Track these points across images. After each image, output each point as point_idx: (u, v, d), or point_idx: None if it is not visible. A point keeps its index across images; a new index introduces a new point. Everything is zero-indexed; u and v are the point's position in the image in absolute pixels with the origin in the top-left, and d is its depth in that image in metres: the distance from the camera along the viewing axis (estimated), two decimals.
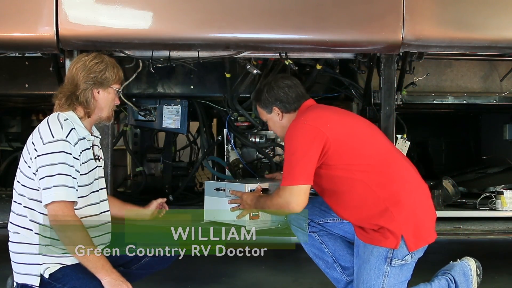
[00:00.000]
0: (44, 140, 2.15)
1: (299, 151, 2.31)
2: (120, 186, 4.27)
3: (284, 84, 2.55)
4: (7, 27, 2.66)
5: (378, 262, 2.29)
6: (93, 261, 2.14)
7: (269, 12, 2.66)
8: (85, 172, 2.26)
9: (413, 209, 2.31)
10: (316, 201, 2.60)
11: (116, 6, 2.63)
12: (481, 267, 2.48)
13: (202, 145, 3.95)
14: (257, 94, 2.63)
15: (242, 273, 3.54)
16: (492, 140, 4.67)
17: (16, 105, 4.45)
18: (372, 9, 2.65)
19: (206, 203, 2.96)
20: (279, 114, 2.55)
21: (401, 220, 2.27)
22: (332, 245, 2.60)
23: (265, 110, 2.59)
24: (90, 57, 2.31)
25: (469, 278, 2.43)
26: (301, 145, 2.32)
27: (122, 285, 2.13)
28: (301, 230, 2.61)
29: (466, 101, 3.56)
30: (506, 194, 3.14)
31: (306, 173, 2.30)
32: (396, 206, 2.28)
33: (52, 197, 2.10)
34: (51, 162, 2.12)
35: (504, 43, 2.73)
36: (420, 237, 2.31)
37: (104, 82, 2.30)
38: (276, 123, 2.59)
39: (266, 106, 2.57)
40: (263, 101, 2.57)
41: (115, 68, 2.34)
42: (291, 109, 2.54)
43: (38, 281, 2.17)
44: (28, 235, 2.20)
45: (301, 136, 2.33)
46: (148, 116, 3.58)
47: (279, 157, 3.57)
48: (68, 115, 2.25)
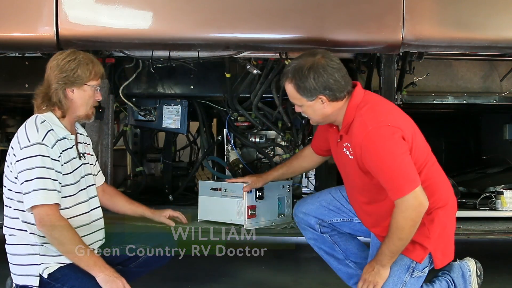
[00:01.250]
0: (21, 145, 2.15)
1: (398, 157, 2.11)
2: (120, 186, 4.26)
3: (333, 68, 2.20)
4: (7, 27, 2.67)
5: (400, 271, 2.24)
6: (85, 259, 2.14)
7: (269, 12, 2.66)
8: (69, 171, 2.25)
9: (445, 226, 2.28)
10: (324, 199, 2.58)
11: (116, 6, 2.63)
12: (482, 268, 2.47)
13: (202, 145, 3.95)
14: (298, 79, 2.21)
15: (242, 273, 3.54)
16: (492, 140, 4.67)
17: (16, 105, 4.45)
18: (372, 9, 2.65)
19: (200, 202, 2.98)
20: (324, 102, 2.23)
21: (435, 237, 2.24)
22: (344, 244, 2.57)
23: (305, 97, 2.23)
24: (63, 55, 2.28)
25: (467, 279, 2.42)
26: (393, 150, 2.11)
27: (116, 281, 2.13)
28: (311, 229, 2.58)
29: (466, 101, 3.55)
30: (506, 194, 3.14)
31: (415, 174, 2.12)
32: (432, 223, 2.24)
33: (32, 202, 2.11)
34: (28, 166, 2.12)
35: (504, 43, 2.73)
36: (447, 255, 2.31)
37: (77, 81, 2.26)
38: (317, 111, 2.27)
39: (310, 94, 2.21)
40: (307, 89, 2.20)
41: (90, 64, 2.28)
42: (340, 97, 2.23)
43: (37, 282, 2.17)
44: (24, 236, 2.20)
45: (392, 141, 2.12)
46: (148, 116, 3.58)
47: (279, 157, 3.57)
48: (46, 117, 2.24)
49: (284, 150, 3.52)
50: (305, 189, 4.43)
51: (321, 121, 2.35)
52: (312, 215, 2.57)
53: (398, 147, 2.12)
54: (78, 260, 2.14)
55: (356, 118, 2.22)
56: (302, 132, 3.58)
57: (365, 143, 2.14)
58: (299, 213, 2.61)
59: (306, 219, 2.58)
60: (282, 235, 2.91)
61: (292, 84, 2.24)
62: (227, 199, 2.86)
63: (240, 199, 2.81)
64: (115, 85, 3.38)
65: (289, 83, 2.25)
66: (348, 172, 2.36)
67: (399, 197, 2.09)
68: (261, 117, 3.41)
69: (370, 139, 2.13)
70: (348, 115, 2.25)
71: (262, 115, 3.42)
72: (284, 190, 3.02)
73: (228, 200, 2.86)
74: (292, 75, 2.23)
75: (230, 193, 2.85)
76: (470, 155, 5.13)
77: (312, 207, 2.58)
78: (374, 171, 2.16)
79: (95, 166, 2.54)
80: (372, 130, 2.13)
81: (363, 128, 2.16)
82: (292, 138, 3.50)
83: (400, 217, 2.11)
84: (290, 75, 2.24)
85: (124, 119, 3.83)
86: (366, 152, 2.15)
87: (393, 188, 2.12)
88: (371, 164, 2.15)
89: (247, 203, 2.80)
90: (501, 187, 3.23)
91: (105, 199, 2.63)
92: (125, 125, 3.86)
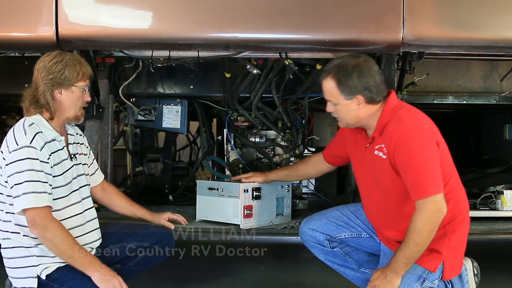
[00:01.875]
0: (10, 149, 2.15)
1: (430, 159, 2.15)
2: (120, 186, 4.26)
3: (376, 71, 2.26)
4: (7, 27, 2.66)
5: (411, 279, 2.21)
6: (79, 260, 2.13)
7: (269, 12, 2.66)
8: (59, 173, 2.24)
9: (462, 240, 2.30)
10: (331, 216, 2.56)
11: (116, 6, 2.63)
12: (479, 267, 2.46)
13: (202, 145, 3.95)
14: (341, 76, 2.24)
15: (242, 273, 3.54)
16: (492, 140, 4.66)
17: (15, 105, 4.44)
18: (372, 9, 2.65)
19: (198, 202, 2.98)
20: (360, 103, 2.25)
21: (452, 248, 2.25)
22: (355, 254, 2.56)
23: (344, 95, 2.25)
24: (50, 57, 2.26)
25: (464, 278, 2.40)
26: (427, 152, 2.16)
27: (112, 280, 2.13)
28: (320, 246, 2.55)
29: (466, 101, 3.55)
30: (506, 194, 3.14)
31: (441, 182, 2.15)
32: (453, 234, 2.25)
33: (22, 205, 2.10)
34: (17, 170, 2.11)
35: (504, 43, 2.72)
36: (455, 269, 2.30)
37: (65, 82, 2.24)
38: (351, 112, 2.28)
39: (350, 92, 2.24)
40: (348, 86, 2.23)
41: (77, 65, 2.26)
42: (376, 101, 2.27)
43: (36, 283, 2.17)
44: (18, 239, 2.19)
45: (427, 142, 2.17)
46: (148, 116, 3.58)
47: (279, 157, 3.57)
48: (34, 119, 2.23)
49: (284, 150, 3.52)
50: (305, 189, 4.44)
51: (352, 123, 2.35)
52: (320, 231, 2.53)
53: (432, 151, 2.17)
54: (72, 261, 2.14)
55: (393, 118, 2.25)
56: (302, 132, 3.59)
57: (401, 139, 2.17)
58: (307, 230, 2.56)
59: (315, 235, 2.54)
60: (282, 235, 2.90)
61: (334, 80, 2.25)
62: (224, 199, 2.86)
63: (236, 199, 2.81)
64: (115, 85, 3.38)
65: (331, 79, 2.27)
66: (377, 175, 2.34)
67: (422, 197, 2.11)
68: (261, 117, 3.41)
69: (407, 136, 2.17)
70: (384, 117, 2.28)
71: (262, 115, 3.42)
72: (283, 190, 3.02)
73: (225, 200, 2.86)
74: (335, 71, 2.26)
75: (227, 193, 2.86)
76: (470, 155, 5.12)
77: (320, 223, 2.55)
78: (404, 168, 2.18)
79: (90, 165, 2.53)
80: (410, 128, 2.18)
81: (402, 125, 2.20)
82: (292, 138, 3.50)
83: (419, 219, 2.12)
84: (334, 71, 2.26)
85: (124, 119, 3.82)
86: (401, 148, 2.17)
87: (418, 188, 2.13)
88: (403, 160, 2.17)
89: (243, 203, 2.80)
90: (501, 187, 3.23)
91: (105, 198, 2.63)
92: (125, 125, 3.86)
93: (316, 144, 4.07)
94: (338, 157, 2.68)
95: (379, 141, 2.29)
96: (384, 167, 2.27)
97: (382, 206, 2.37)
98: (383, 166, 2.27)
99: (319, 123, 4.00)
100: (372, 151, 2.32)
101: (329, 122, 4.05)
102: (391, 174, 2.25)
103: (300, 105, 3.53)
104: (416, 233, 2.13)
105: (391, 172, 2.25)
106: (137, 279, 2.54)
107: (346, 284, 2.66)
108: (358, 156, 2.45)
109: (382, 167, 2.28)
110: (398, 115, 2.24)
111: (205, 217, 2.96)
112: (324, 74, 2.31)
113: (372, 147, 2.32)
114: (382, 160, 2.27)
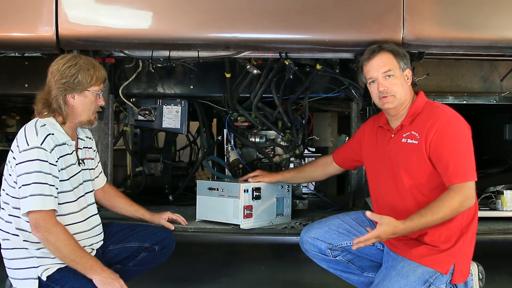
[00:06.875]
0: (20, 148, 2.14)
1: (470, 147, 2.26)
2: (120, 186, 4.26)
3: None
4: (7, 27, 2.66)
5: (417, 282, 2.20)
6: (81, 263, 2.13)
7: (269, 12, 2.66)
8: (66, 178, 2.23)
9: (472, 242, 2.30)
10: (332, 224, 2.54)
11: (116, 6, 2.63)
12: (484, 271, 2.45)
13: (202, 145, 3.96)
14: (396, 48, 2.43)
15: (242, 273, 3.54)
16: (492, 140, 4.66)
17: (16, 105, 4.45)
18: (372, 9, 2.65)
19: (198, 202, 2.98)
20: (408, 79, 2.40)
21: (464, 250, 2.26)
22: (358, 261, 2.55)
23: (400, 65, 2.38)
24: (64, 60, 2.26)
25: (469, 283, 2.38)
26: (469, 141, 2.27)
27: (113, 283, 2.13)
28: (322, 255, 2.52)
29: (466, 101, 3.55)
30: (506, 194, 3.13)
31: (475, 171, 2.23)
32: (466, 234, 2.26)
33: (28, 207, 2.09)
34: (26, 170, 2.11)
35: (504, 43, 2.73)
36: (465, 274, 2.29)
37: (78, 87, 2.23)
38: (404, 85, 2.38)
39: (405, 63, 2.40)
40: (402, 57, 2.40)
41: (91, 70, 2.26)
42: (414, 83, 2.48)
43: (36, 284, 2.16)
44: (19, 241, 2.19)
45: (466, 132, 2.29)
46: (148, 116, 3.58)
47: (279, 157, 3.57)
48: (47, 121, 2.22)
49: (284, 150, 3.52)
50: (305, 189, 4.43)
51: (403, 100, 2.37)
52: (322, 239, 2.50)
53: (470, 141, 2.28)
54: (74, 264, 2.13)
55: (428, 110, 2.34)
56: (302, 132, 3.59)
57: (445, 126, 2.26)
58: (308, 239, 2.53)
59: (316, 244, 2.51)
60: (282, 235, 2.90)
61: (390, 52, 2.39)
62: (224, 199, 2.86)
63: (236, 199, 2.81)
64: (115, 85, 3.38)
65: (387, 51, 2.40)
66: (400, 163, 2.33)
67: (462, 181, 2.17)
68: (261, 117, 3.41)
69: (451, 123, 2.27)
70: (417, 106, 2.37)
71: (262, 115, 3.42)
72: (283, 190, 3.02)
73: (225, 200, 2.86)
74: (390, 45, 2.44)
75: (227, 193, 2.86)
76: None
77: (321, 231, 2.52)
78: (446, 153, 2.22)
79: (96, 168, 2.53)
80: (452, 117, 2.29)
81: (443, 113, 2.29)
82: (292, 138, 3.50)
83: (457, 199, 2.16)
84: (385, 46, 2.42)
85: (124, 119, 3.82)
86: (444, 133, 2.25)
87: (459, 172, 2.19)
88: (446, 145, 2.23)
89: (243, 203, 2.80)
90: (501, 187, 3.23)
91: (105, 200, 2.63)
92: (125, 125, 3.86)
93: (316, 144, 4.07)
94: (351, 159, 2.70)
95: (408, 129, 2.34)
96: (413, 152, 2.30)
97: (396, 205, 2.36)
98: (412, 151, 2.30)
99: (319, 123, 4.00)
100: (399, 140, 2.36)
101: (329, 122, 4.04)
102: (419, 159, 2.28)
103: (300, 105, 3.54)
104: (448, 209, 2.15)
105: (420, 157, 2.28)
106: (137, 279, 2.55)
107: (346, 284, 2.66)
108: (378, 151, 2.46)
109: (410, 152, 2.31)
110: (435, 106, 2.34)
111: (205, 217, 2.96)
112: (378, 49, 2.40)
113: (400, 135, 2.36)
114: (412, 146, 2.30)
